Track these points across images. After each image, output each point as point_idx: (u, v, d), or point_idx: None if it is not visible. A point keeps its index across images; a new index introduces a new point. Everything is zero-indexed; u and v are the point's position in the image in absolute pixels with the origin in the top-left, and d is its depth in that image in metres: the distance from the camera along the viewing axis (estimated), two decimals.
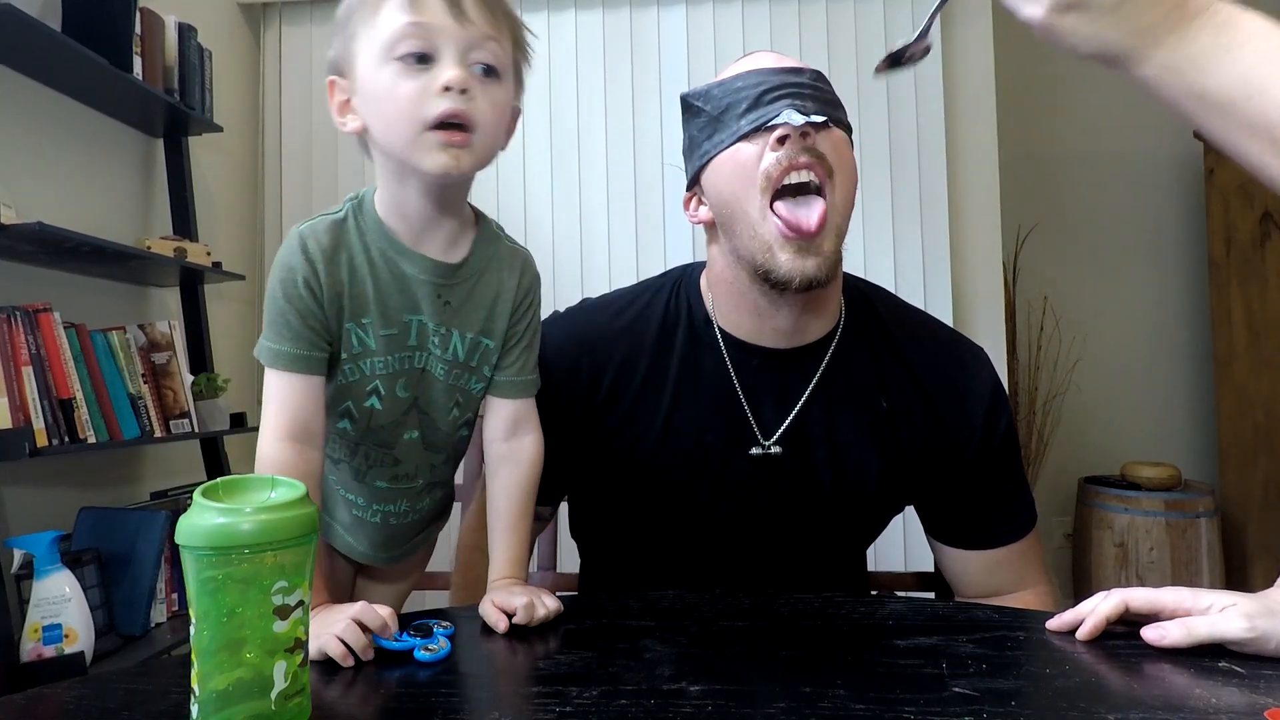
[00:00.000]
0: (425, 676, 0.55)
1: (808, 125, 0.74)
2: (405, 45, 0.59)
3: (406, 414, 0.70)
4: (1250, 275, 2.38)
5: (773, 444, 0.84)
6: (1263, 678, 0.52)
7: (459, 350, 0.68)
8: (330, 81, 0.66)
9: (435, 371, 0.69)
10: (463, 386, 0.71)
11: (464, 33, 0.60)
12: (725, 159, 0.78)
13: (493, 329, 0.70)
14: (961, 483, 0.88)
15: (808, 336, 0.85)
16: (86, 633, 1.28)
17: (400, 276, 0.66)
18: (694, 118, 0.82)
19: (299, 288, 0.63)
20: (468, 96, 0.60)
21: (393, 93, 0.60)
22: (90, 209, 1.62)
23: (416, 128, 0.60)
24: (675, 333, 0.87)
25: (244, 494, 0.48)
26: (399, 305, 0.66)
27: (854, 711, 0.48)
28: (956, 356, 0.90)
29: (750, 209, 0.76)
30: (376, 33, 0.60)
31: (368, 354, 0.66)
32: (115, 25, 1.51)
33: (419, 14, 0.59)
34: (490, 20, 0.61)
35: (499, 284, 0.70)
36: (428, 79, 0.59)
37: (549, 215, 2.14)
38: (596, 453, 0.88)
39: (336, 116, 0.65)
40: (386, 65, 0.60)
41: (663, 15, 2.13)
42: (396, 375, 0.68)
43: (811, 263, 0.75)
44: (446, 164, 0.60)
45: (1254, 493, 2.38)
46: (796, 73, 0.78)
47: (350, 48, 0.63)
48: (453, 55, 0.60)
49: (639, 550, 0.93)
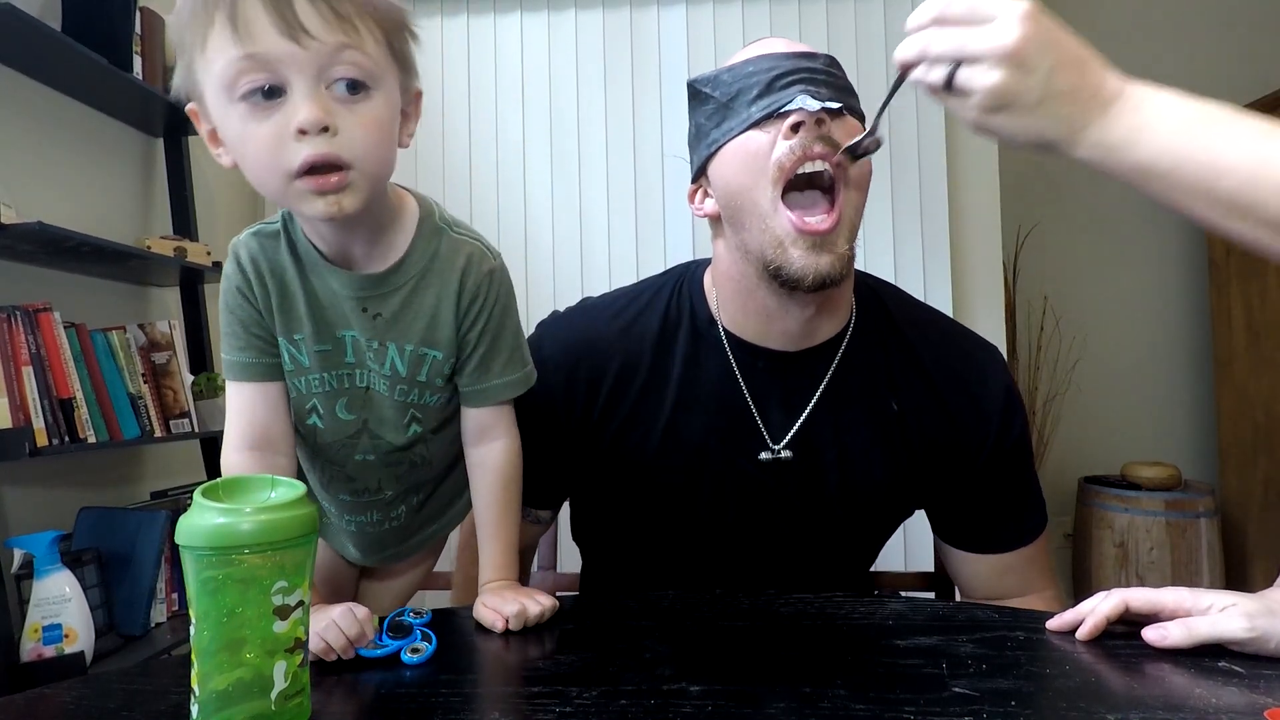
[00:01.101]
0: (423, 676, 0.55)
1: (823, 112, 0.70)
2: (245, 82, 0.50)
3: (355, 437, 0.67)
4: (1250, 275, 2.38)
5: (782, 448, 0.81)
6: (1263, 678, 0.52)
7: (399, 365, 0.63)
8: (190, 109, 0.56)
9: (379, 388, 0.64)
10: (414, 402, 0.66)
11: (308, 54, 0.49)
12: (735, 148, 0.74)
13: (437, 339, 0.63)
14: (973, 485, 0.85)
15: (817, 338, 0.81)
16: (86, 633, 1.28)
17: (329, 291, 0.62)
18: (702, 105, 0.78)
19: (236, 295, 0.62)
20: (329, 133, 0.51)
21: (246, 140, 0.52)
22: (90, 209, 1.62)
23: (282, 178, 0.52)
24: (677, 334, 0.84)
25: (244, 494, 0.48)
26: (332, 320, 0.62)
27: (854, 711, 0.48)
28: (969, 356, 0.86)
29: (761, 200, 0.72)
30: (210, 66, 0.51)
31: (301, 371, 0.63)
32: (115, 25, 1.51)
33: (251, 43, 0.49)
34: (339, 26, 0.50)
35: (440, 287, 0.63)
36: (281, 118, 0.50)
37: (549, 215, 2.14)
38: (598, 457, 0.86)
39: (211, 148, 0.57)
40: (232, 106, 0.51)
41: (663, 15, 2.13)
42: (335, 394, 0.64)
43: (825, 260, 0.71)
44: (326, 210, 0.53)
45: (1254, 493, 2.38)
46: (810, 57, 0.74)
47: (193, 77, 0.53)
48: (303, 84, 0.50)
49: (642, 555, 0.91)
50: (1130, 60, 2.90)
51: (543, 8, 2.16)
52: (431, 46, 2.17)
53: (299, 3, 0.49)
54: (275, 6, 0.48)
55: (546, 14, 2.16)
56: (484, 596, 0.67)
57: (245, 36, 0.48)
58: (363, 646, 0.58)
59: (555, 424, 0.85)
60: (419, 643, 0.58)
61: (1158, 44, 2.73)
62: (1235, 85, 2.62)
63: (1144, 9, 2.74)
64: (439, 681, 0.55)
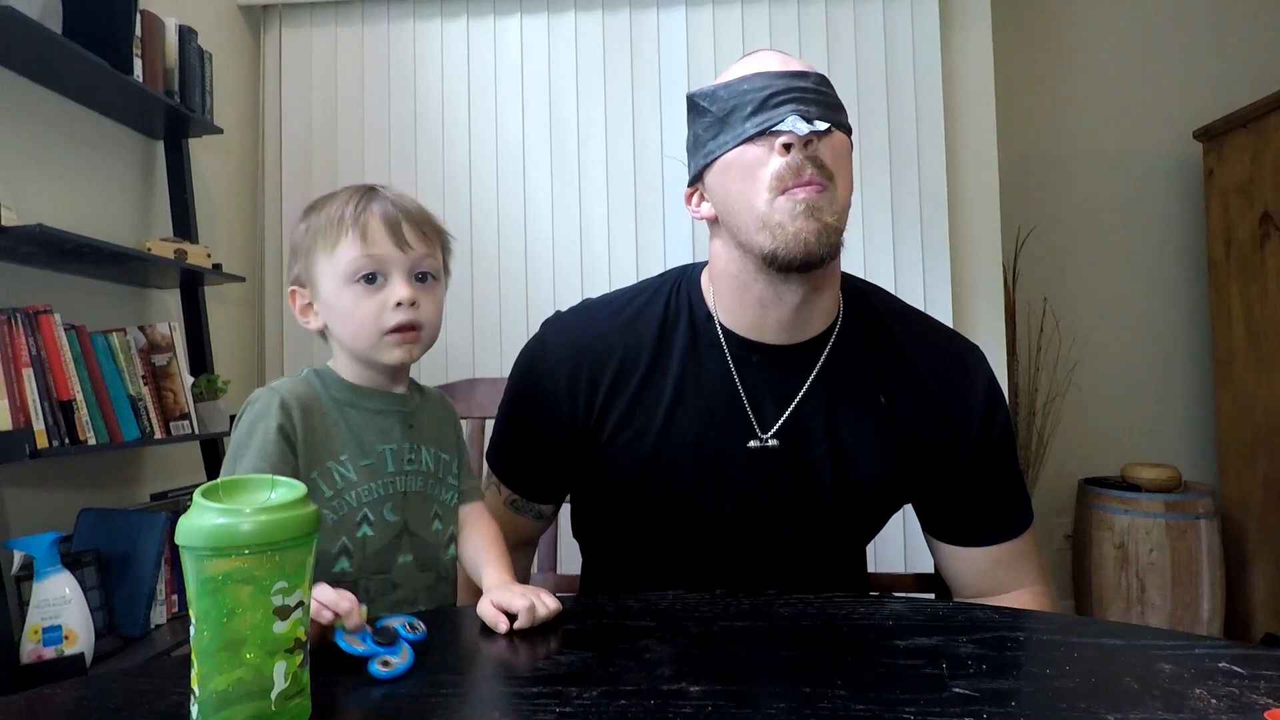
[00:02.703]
0: (423, 676, 0.55)
1: (811, 134, 0.76)
2: (361, 271, 0.73)
3: (399, 537, 0.75)
4: (1250, 275, 2.38)
5: (770, 437, 0.85)
6: (1263, 678, 0.52)
7: (429, 463, 0.78)
8: (292, 291, 0.78)
9: (415, 486, 0.77)
10: (438, 497, 0.78)
11: (407, 257, 0.74)
12: (730, 160, 0.80)
13: (445, 444, 0.81)
14: (959, 479, 0.89)
15: (808, 331, 0.86)
16: (86, 634, 1.28)
17: (372, 414, 0.76)
18: (699, 117, 0.83)
19: (273, 434, 0.70)
20: (415, 306, 0.74)
21: (355, 310, 0.73)
22: (90, 211, 1.63)
23: (377, 335, 0.73)
24: (676, 330, 0.88)
25: (244, 494, 0.49)
26: (373, 438, 0.75)
27: (854, 711, 0.48)
28: (954, 354, 0.91)
29: (757, 203, 0.78)
30: (336, 261, 0.73)
31: (350, 486, 0.73)
32: (115, 27, 1.51)
33: (372, 247, 0.73)
34: (424, 241, 0.75)
35: (433, 409, 0.82)
36: (383, 296, 0.73)
37: (549, 215, 2.14)
38: (599, 450, 0.89)
39: (299, 317, 0.78)
40: (348, 287, 0.73)
41: (663, 16, 2.14)
42: (383, 500, 0.74)
43: (813, 226, 0.75)
44: (402, 357, 0.74)
45: (1254, 493, 2.37)
46: (801, 76, 0.79)
47: (311, 269, 0.75)
48: (400, 275, 0.74)
49: (641, 548, 0.93)
50: (1131, 60, 2.90)
51: (542, 10, 2.16)
52: (431, 48, 2.18)
53: (404, 227, 0.74)
54: (390, 227, 0.73)
55: (546, 16, 2.16)
56: (491, 594, 0.68)
57: (369, 243, 0.73)
58: (343, 637, 0.57)
59: (559, 419, 0.89)
60: (395, 657, 0.56)
61: (1158, 44, 2.73)
62: (1235, 85, 2.62)
63: (1145, 9, 2.75)
64: (439, 681, 0.55)
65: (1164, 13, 2.74)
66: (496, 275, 2.14)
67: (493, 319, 2.14)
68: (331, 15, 2.20)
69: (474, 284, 2.11)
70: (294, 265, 0.78)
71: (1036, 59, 2.76)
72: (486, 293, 2.13)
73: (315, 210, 0.77)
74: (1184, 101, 2.69)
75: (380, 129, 2.16)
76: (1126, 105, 2.74)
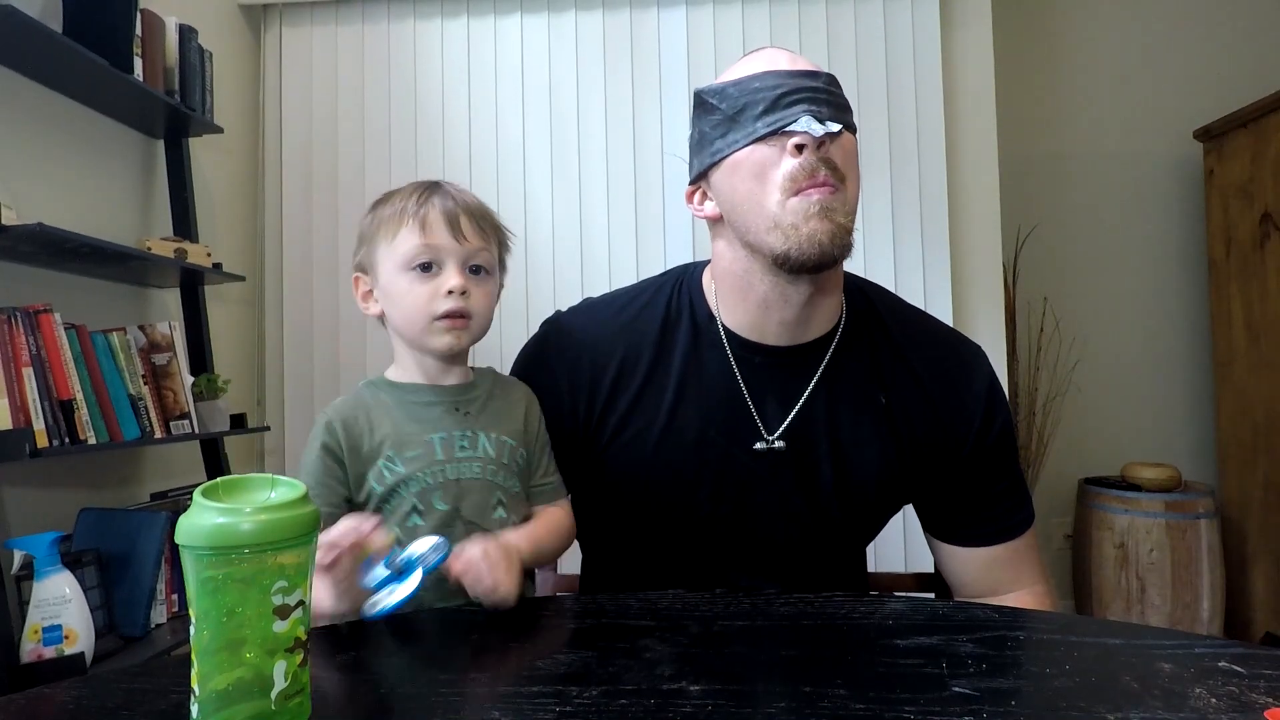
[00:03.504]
0: (423, 676, 0.55)
1: (825, 135, 0.76)
2: (418, 259, 0.78)
3: (450, 525, 0.76)
4: (1250, 276, 2.38)
5: (776, 439, 0.85)
6: (1263, 677, 0.52)
7: (488, 448, 0.80)
8: (355, 277, 0.84)
9: (471, 473, 0.79)
10: (501, 484, 0.80)
11: (462, 249, 0.79)
12: (740, 159, 0.79)
13: (511, 430, 0.82)
14: (959, 479, 0.89)
15: (810, 333, 0.86)
16: (86, 634, 1.28)
17: (417, 407, 0.80)
18: (707, 114, 0.82)
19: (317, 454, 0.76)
20: (465, 295, 0.78)
21: (408, 295, 0.79)
22: (91, 210, 1.63)
23: (428, 319, 0.78)
24: (678, 329, 0.88)
25: (244, 494, 0.48)
26: (418, 429, 0.79)
27: (854, 711, 0.48)
28: (955, 354, 0.91)
29: (769, 204, 0.77)
30: (396, 249, 0.79)
31: (400, 480, 0.77)
32: (116, 27, 1.51)
33: (429, 237, 0.78)
34: (480, 235, 0.80)
35: (506, 398, 0.85)
36: (436, 283, 0.78)
37: (549, 214, 2.14)
38: (600, 449, 0.89)
39: (360, 303, 0.84)
40: (404, 273, 0.78)
41: (663, 15, 2.13)
42: (431, 489, 0.77)
43: (825, 227, 0.75)
44: (450, 343, 0.79)
45: (1254, 493, 2.37)
46: (813, 76, 0.79)
47: (373, 256, 0.81)
48: (454, 265, 0.78)
49: (641, 547, 0.93)
50: (1131, 60, 2.90)
51: (543, 9, 2.16)
52: (432, 48, 2.18)
53: (462, 220, 0.79)
54: (449, 220, 0.78)
55: (546, 15, 2.16)
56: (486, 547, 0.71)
57: (428, 233, 0.78)
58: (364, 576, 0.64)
59: (561, 418, 0.89)
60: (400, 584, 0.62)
61: (1158, 44, 2.73)
62: (1235, 85, 2.62)
63: (1145, 9, 2.75)
64: (439, 681, 0.55)
65: (1164, 12, 2.74)
66: None
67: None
68: (332, 15, 2.19)
69: None
70: (358, 252, 0.84)
71: (1037, 59, 2.76)
72: None
73: (383, 202, 0.82)
74: (1184, 101, 2.69)
75: (380, 128, 2.16)
76: (1126, 105, 2.74)
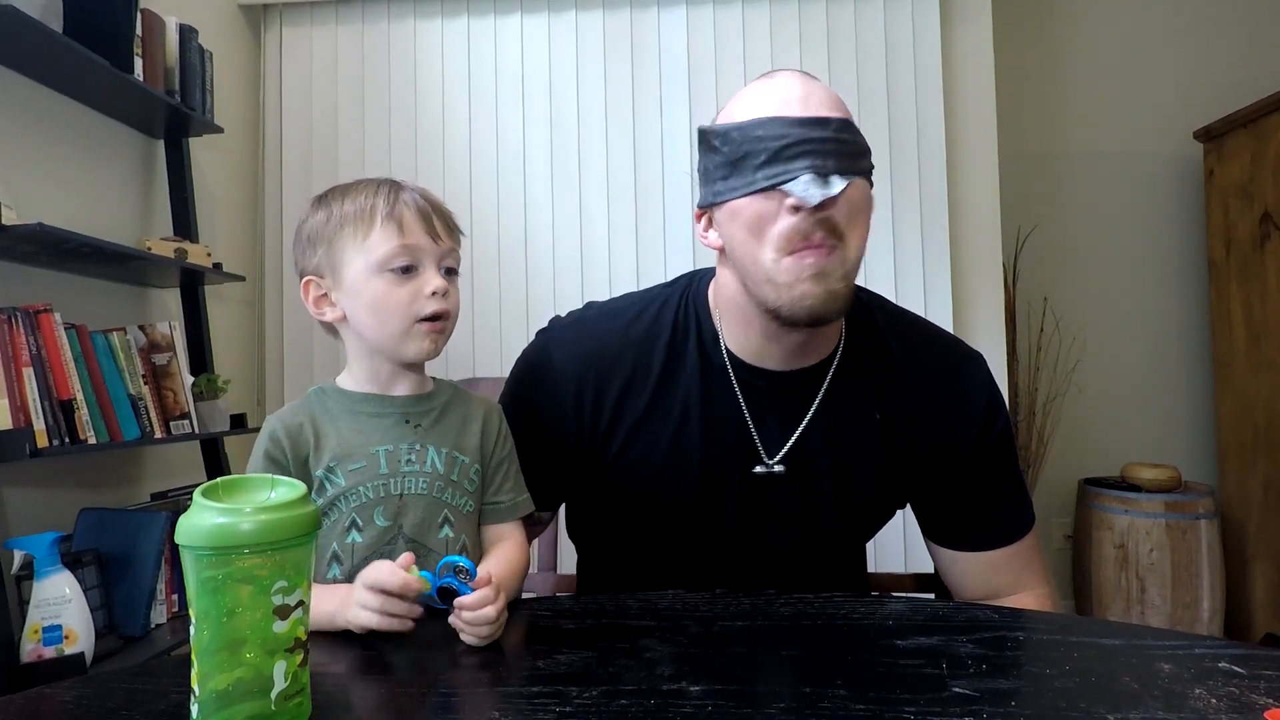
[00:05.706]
0: (423, 676, 0.55)
1: (824, 200, 0.72)
2: (397, 261, 0.74)
3: (391, 543, 0.73)
4: (1250, 276, 2.38)
5: (776, 463, 0.85)
6: (1263, 678, 0.52)
7: (437, 464, 0.76)
8: (307, 281, 0.77)
9: (416, 488, 0.75)
10: (449, 502, 0.76)
11: (438, 249, 0.76)
12: (739, 207, 0.76)
13: (464, 446, 0.78)
14: (958, 484, 0.89)
15: (811, 358, 0.85)
16: (86, 634, 1.28)
17: (366, 418, 0.76)
18: (710, 153, 0.80)
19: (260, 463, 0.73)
20: (445, 296, 0.76)
21: (386, 298, 0.74)
22: (91, 210, 1.63)
23: (408, 323, 0.74)
24: (685, 349, 0.87)
25: (244, 494, 0.49)
26: (364, 441, 0.75)
27: (854, 711, 0.48)
28: (953, 362, 0.90)
29: (764, 259, 0.75)
30: (369, 250, 0.74)
31: (340, 492, 0.73)
32: (116, 26, 1.51)
33: (407, 238, 0.74)
34: (451, 236, 0.78)
35: (465, 412, 0.81)
36: (415, 285, 0.74)
37: (549, 216, 2.14)
38: (606, 463, 0.88)
39: (313, 308, 0.78)
40: (379, 276, 0.74)
41: (663, 16, 2.13)
42: (371, 504, 0.73)
43: (819, 290, 0.73)
44: (429, 349, 0.76)
45: (1254, 493, 2.37)
46: (821, 124, 0.74)
47: (336, 258, 0.75)
48: (432, 266, 0.75)
49: (639, 555, 0.93)
50: (1131, 60, 2.90)
51: (543, 9, 2.16)
52: (432, 48, 2.18)
53: (435, 220, 0.76)
54: (423, 219, 0.75)
55: (546, 15, 2.16)
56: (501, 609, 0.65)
57: (406, 234, 0.74)
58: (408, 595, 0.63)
59: (563, 430, 0.87)
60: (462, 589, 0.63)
61: (1158, 44, 2.73)
62: (1235, 85, 2.62)
63: (1145, 9, 2.75)
64: (439, 680, 0.55)
65: (1164, 13, 2.74)
66: (497, 275, 2.14)
67: (493, 319, 2.14)
68: (332, 15, 2.19)
69: (474, 283, 2.11)
70: (308, 255, 0.77)
71: (1037, 58, 2.76)
72: (487, 292, 2.13)
73: (335, 200, 0.76)
74: (1184, 101, 2.69)
75: (380, 128, 2.16)
76: (1126, 105, 2.74)
